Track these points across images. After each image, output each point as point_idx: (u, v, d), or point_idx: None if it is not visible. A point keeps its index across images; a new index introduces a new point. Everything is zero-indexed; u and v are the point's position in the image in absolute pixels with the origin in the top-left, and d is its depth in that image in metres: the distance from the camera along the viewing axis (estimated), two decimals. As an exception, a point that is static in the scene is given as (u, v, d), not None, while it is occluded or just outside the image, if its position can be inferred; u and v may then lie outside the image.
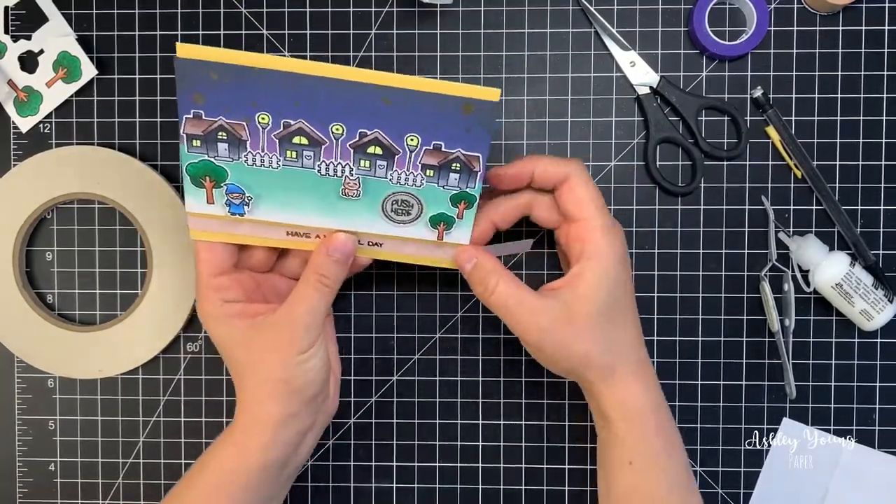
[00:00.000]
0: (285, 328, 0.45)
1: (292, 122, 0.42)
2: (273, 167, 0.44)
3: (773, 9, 0.54)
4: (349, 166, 0.44)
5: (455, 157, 0.44)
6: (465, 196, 0.46)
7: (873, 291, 0.52)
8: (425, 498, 0.56)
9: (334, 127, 0.42)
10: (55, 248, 0.56)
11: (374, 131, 0.42)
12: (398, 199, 0.45)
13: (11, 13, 0.55)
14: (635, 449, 0.46)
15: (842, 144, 0.54)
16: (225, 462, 0.46)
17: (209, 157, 0.43)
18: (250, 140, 0.43)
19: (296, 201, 0.45)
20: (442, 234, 0.47)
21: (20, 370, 0.56)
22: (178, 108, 0.41)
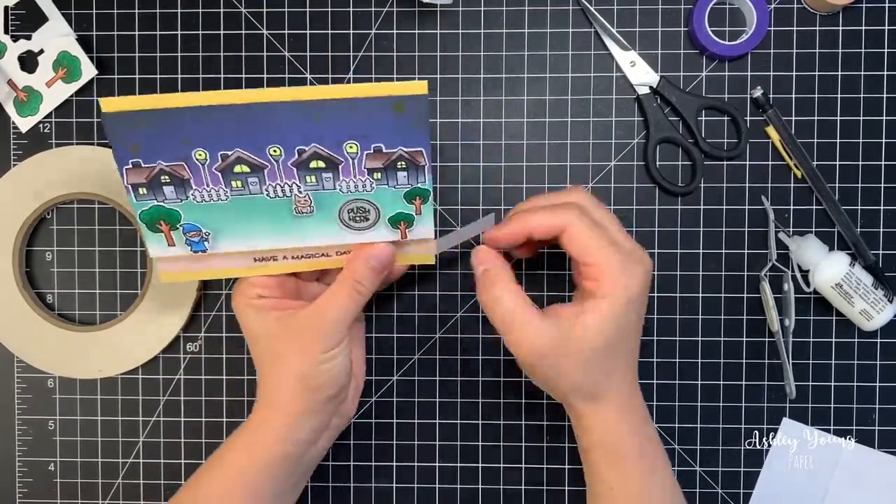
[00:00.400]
0: (313, 327, 0.45)
1: (229, 152, 0.42)
2: (222, 199, 0.44)
3: (773, 9, 0.54)
4: (296, 184, 0.44)
5: (398, 155, 0.43)
6: (418, 191, 0.45)
7: (873, 291, 0.52)
8: (425, 498, 0.56)
9: (271, 150, 0.42)
10: (55, 248, 0.56)
11: (311, 146, 0.42)
12: (353, 206, 0.45)
13: (11, 13, 0.55)
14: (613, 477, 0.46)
15: (842, 144, 0.54)
16: (241, 454, 0.47)
17: (158, 201, 0.44)
18: (193, 178, 0.43)
19: (253, 228, 0.45)
20: (405, 233, 0.47)
21: (20, 370, 0.56)
22: (115, 158, 0.42)
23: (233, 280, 0.55)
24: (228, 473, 0.47)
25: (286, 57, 0.55)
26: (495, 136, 0.55)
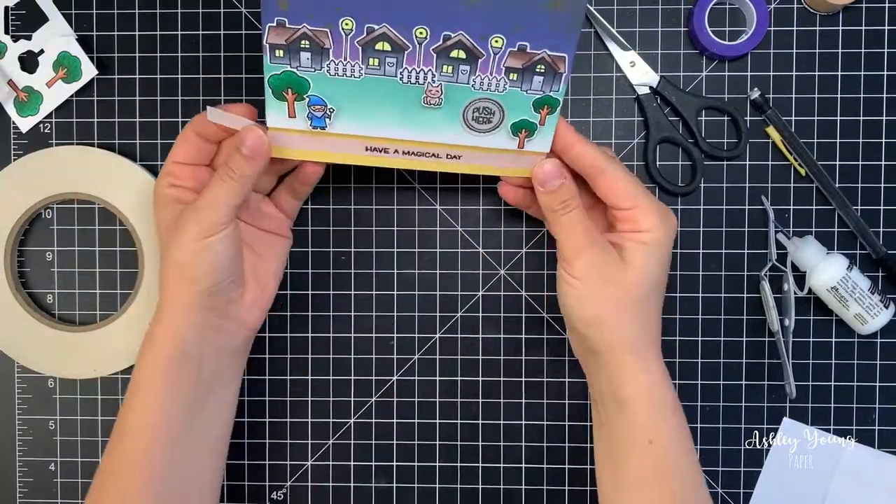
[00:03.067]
0: (188, 213, 0.45)
1: (376, 26, 0.41)
2: (355, 76, 0.43)
3: (773, 9, 0.54)
4: (431, 72, 0.43)
5: (540, 58, 0.43)
6: (549, 101, 0.45)
7: (869, 296, 0.52)
8: (425, 498, 0.56)
9: (418, 30, 0.42)
10: (55, 248, 0.56)
11: (457, 34, 0.42)
12: (480, 105, 0.45)
13: (11, 13, 0.55)
14: (657, 428, 0.46)
15: (842, 144, 0.54)
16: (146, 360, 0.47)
17: (292, 67, 0.43)
18: (333, 48, 0.42)
19: (377, 111, 0.45)
20: (523, 143, 0.47)
21: (20, 370, 0.56)
22: (262, 16, 0.41)
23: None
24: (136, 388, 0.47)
25: (286, 57, 0.55)
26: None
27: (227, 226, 0.45)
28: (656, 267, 0.46)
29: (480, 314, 0.55)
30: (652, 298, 0.47)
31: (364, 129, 0.46)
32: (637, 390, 0.46)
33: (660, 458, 0.46)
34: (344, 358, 0.56)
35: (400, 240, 0.55)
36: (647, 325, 0.47)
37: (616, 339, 0.46)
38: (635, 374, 0.46)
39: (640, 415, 0.46)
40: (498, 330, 0.56)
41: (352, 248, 0.56)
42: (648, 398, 0.46)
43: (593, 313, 0.46)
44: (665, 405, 0.46)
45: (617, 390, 0.46)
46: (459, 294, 0.56)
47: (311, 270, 0.56)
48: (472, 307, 0.56)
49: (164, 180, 0.48)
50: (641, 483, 0.46)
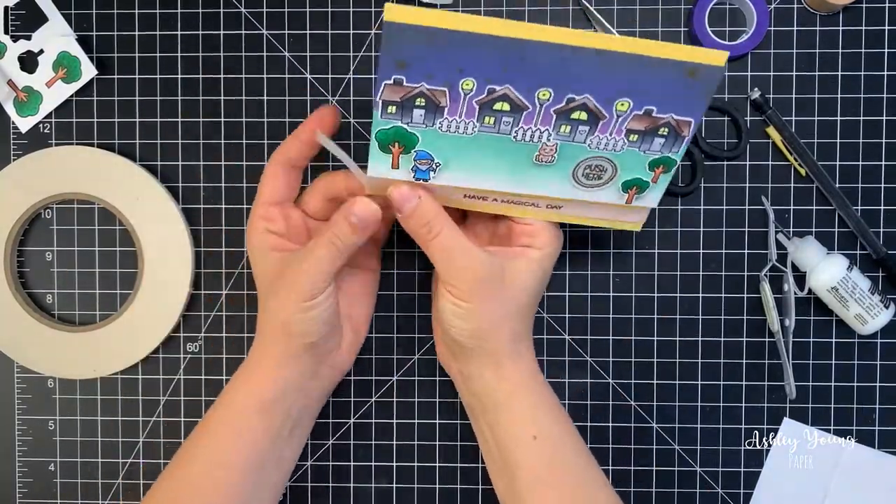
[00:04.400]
0: (291, 275, 0.46)
1: (498, 87, 0.40)
2: (468, 132, 0.42)
3: (773, 9, 0.54)
4: (548, 132, 0.42)
5: (665, 122, 0.42)
6: (666, 161, 0.44)
7: (869, 297, 0.52)
8: (425, 498, 0.56)
9: (541, 93, 0.40)
10: (55, 248, 0.56)
11: (583, 97, 0.40)
12: (592, 163, 0.44)
13: (11, 13, 0.55)
14: (539, 422, 0.47)
15: (842, 144, 0.54)
16: (231, 403, 0.48)
17: (402, 123, 0.42)
18: (449, 107, 0.41)
19: (485, 167, 0.44)
20: (632, 199, 0.46)
21: (20, 370, 0.56)
22: (377, 73, 0.39)
23: (232, 279, 0.56)
24: (221, 423, 0.47)
25: (286, 57, 0.55)
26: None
27: (327, 288, 0.46)
28: (542, 280, 0.48)
29: (480, 314, 0.55)
30: (532, 304, 0.48)
31: (468, 182, 0.44)
32: (515, 387, 0.47)
33: (548, 452, 0.46)
34: (344, 358, 0.56)
35: (400, 240, 0.55)
36: (525, 330, 0.48)
37: (497, 346, 0.47)
38: (513, 373, 0.47)
39: (521, 410, 0.47)
40: (498, 330, 0.55)
41: (352, 248, 0.55)
42: (526, 393, 0.47)
43: (478, 328, 0.46)
44: (543, 398, 0.48)
45: (496, 391, 0.47)
46: (459, 294, 0.55)
47: (311, 270, 0.56)
48: (472, 307, 0.55)
49: (258, 225, 0.48)
50: (537, 482, 0.46)
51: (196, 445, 0.48)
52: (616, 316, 0.55)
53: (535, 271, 0.47)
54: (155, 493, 0.47)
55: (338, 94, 0.55)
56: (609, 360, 0.55)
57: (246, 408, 0.47)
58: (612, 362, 0.55)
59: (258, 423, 0.47)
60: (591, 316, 0.55)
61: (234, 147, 0.55)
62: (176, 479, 0.47)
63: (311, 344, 0.47)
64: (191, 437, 0.48)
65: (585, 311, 0.55)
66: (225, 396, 0.48)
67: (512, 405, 0.47)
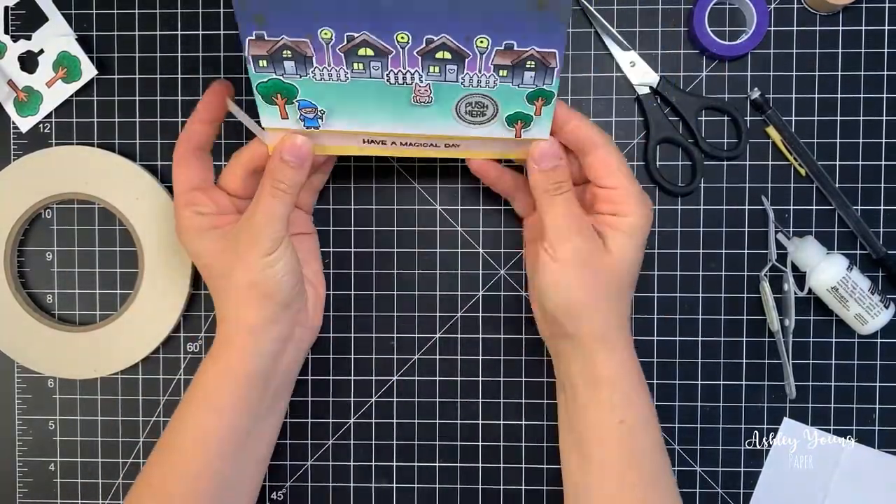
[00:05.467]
0: (247, 234, 0.45)
1: (356, 34, 0.41)
2: (342, 80, 0.43)
3: (773, 9, 0.54)
4: (418, 73, 0.43)
5: (529, 55, 0.42)
6: (542, 93, 0.44)
7: (869, 297, 0.52)
8: (425, 498, 0.56)
9: (399, 35, 0.41)
10: (55, 248, 0.56)
11: (440, 36, 0.41)
12: (472, 100, 0.44)
13: (11, 13, 0.55)
14: (628, 408, 0.46)
15: (842, 144, 0.54)
16: (210, 378, 0.47)
17: (277, 75, 0.43)
18: (315, 55, 0.42)
19: (367, 111, 0.45)
20: (520, 132, 0.46)
21: (20, 370, 0.56)
22: (239, 31, 0.41)
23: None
24: (203, 402, 0.47)
25: (286, 57, 0.55)
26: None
27: (284, 237, 0.46)
28: (635, 253, 0.47)
29: (480, 314, 0.55)
30: (629, 284, 0.48)
31: (356, 125, 0.46)
32: (610, 372, 0.46)
33: (629, 438, 0.46)
34: (344, 358, 0.56)
35: (400, 240, 0.55)
36: (622, 310, 0.47)
37: (593, 326, 0.46)
38: (610, 358, 0.46)
39: (613, 396, 0.46)
40: (498, 330, 0.56)
41: (352, 248, 0.56)
42: (621, 380, 0.46)
43: (572, 300, 0.46)
44: (635, 386, 0.47)
45: (591, 374, 0.47)
46: (459, 294, 0.56)
47: (311, 270, 0.56)
48: (472, 307, 0.55)
49: (186, 211, 0.47)
50: (611, 465, 0.46)
51: (179, 429, 0.47)
52: (616, 316, 0.55)
53: (627, 243, 0.46)
54: (144, 477, 0.48)
55: (338, 94, 0.55)
56: (609, 360, 0.55)
57: (226, 385, 0.47)
58: (612, 362, 0.55)
59: (239, 399, 0.47)
60: (591, 316, 0.55)
61: (234, 147, 0.55)
62: (162, 463, 0.47)
63: (282, 302, 0.47)
64: (172, 421, 0.48)
65: (585, 311, 0.55)
66: (202, 376, 0.48)
67: (604, 391, 0.46)
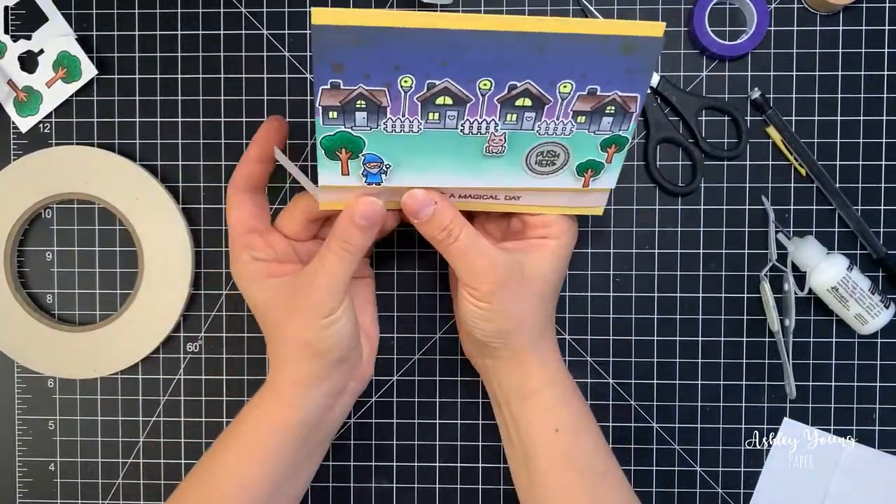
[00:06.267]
0: (306, 292, 0.45)
1: (437, 82, 0.39)
2: (413, 131, 0.41)
3: (773, 9, 0.54)
4: (495, 122, 0.41)
5: (611, 100, 0.41)
6: (617, 140, 0.43)
7: (869, 296, 0.52)
8: (425, 498, 0.56)
9: (482, 83, 0.39)
10: (55, 248, 0.56)
11: (524, 82, 0.39)
12: (544, 150, 0.43)
13: (11, 13, 0.55)
14: (560, 414, 0.47)
15: (842, 144, 0.54)
16: (255, 425, 0.47)
17: (346, 127, 0.41)
18: (391, 106, 0.40)
19: (436, 164, 0.43)
20: (588, 182, 0.45)
21: (20, 370, 0.56)
22: (314, 79, 0.39)
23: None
24: (244, 443, 0.46)
25: (286, 57, 0.55)
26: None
27: (345, 299, 0.45)
28: (561, 271, 0.48)
29: (480, 314, 0.55)
30: (555, 293, 0.49)
31: (422, 181, 0.44)
32: (540, 383, 0.47)
33: (566, 443, 0.47)
34: (344, 358, 0.56)
35: (400, 240, 0.55)
36: (548, 323, 0.49)
37: (521, 343, 0.47)
38: (537, 369, 0.47)
39: (544, 405, 0.47)
40: (498, 330, 0.55)
41: (352, 248, 0.55)
42: (550, 388, 0.47)
43: (501, 328, 0.46)
44: (566, 393, 0.48)
45: (521, 387, 0.47)
46: (459, 294, 0.55)
47: (311, 270, 0.56)
48: (472, 307, 0.55)
49: (243, 256, 0.46)
50: (552, 472, 0.46)
51: (215, 466, 0.47)
52: (616, 316, 0.55)
53: (554, 262, 0.47)
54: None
55: (338, 94, 0.55)
56: (609, 360, 0.55)
57: (270, 438, 0.46)
58: (612, 362, 0.55)
59: (281, 451, 0.46)
60: (591, 316, 0.55)
61: (234, 147, 0.55)
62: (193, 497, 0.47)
63: (338, 360, 0.46)
64: (208, 456, 0.48)
65: (585, 311, 0.55)
66: (248, 418, 0.47)
67: (535, 400, 0.47)
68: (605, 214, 0.54)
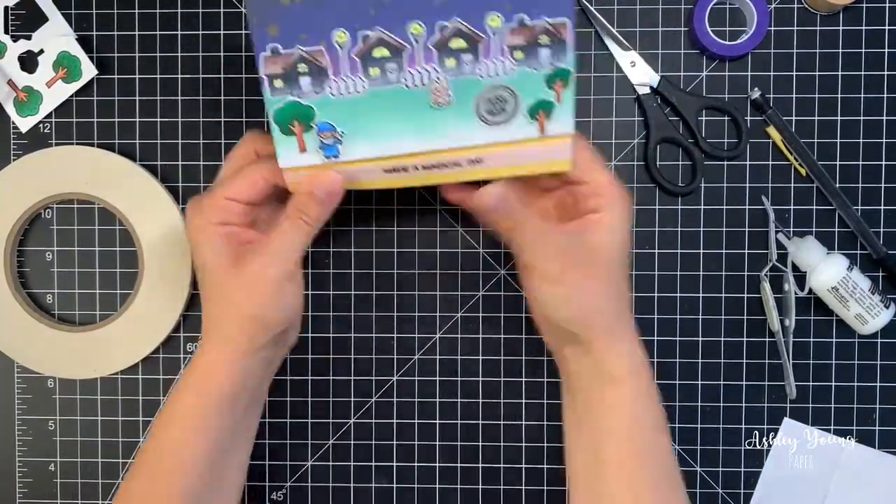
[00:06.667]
0: (263, 264, 0.44)
1: (370, 32, 0.40)
2: (359, 92, 0.42)
3: (773, 9, 0.54)
4: (434, 69, 0.42)
5: (542, 28, 0.41)
6: (560, 73, 0.42)
7: (869, 296, 0.52)
8: (425, 498, 0.56)
9: (412, 27, 0.40)
10: (55, 248, 0.56)
11: (453, 20, 0.40)
12: (491, 95, 0.43)
13: (11, 13, 0.55)
14: (642, 407, 0.46)
15: (842, 144, 0.54)
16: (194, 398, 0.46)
17: (293, 95, 0.42)
18: (331, 66, 0.41)
19: (387, 125, 0.43)
20: (543, 125, 0.44)
21: (20, 370, 0.56)
22: (254, 47, 0.40)
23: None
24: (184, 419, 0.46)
25: (286, 57, 0.55)
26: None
27: (299, 271, 0.45)
28: (621, 245, 0.45)
29: (480, 314, 0.55)
30: (622, 274, 0.46)
31: (377, 148, 0.44)
32: (623, 372, 0.45)
33: (640, 438, 0.46)
34: (344, 358, 0.56)
35: (400, 240, 0.55)
36: (624, 304, 0.47)
37: (601, 327, 0.45)
38: (622, 357, 0.45)
39: (627, 395, 0.46)
40: (498, 330, 0.56)
41: (352, 248, 0.56)
42: (635, 379, 0.46)
43: (577, 311, 0.45)
44: (648, 385, 0.46)
45: (605, 375, 0.46)
46: (459, 294, 0.55)
47: (311, 270, 0.56)
48: (472, 307, 0.56)
49: (212, 215, 0.45)
50: (623, 464, 0.45)
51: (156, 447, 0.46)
52: (616, 316, 0.55)
53: (612, 237, 0.45)
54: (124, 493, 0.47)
55: (338, 94, 0.55)
56: (609, 360, 0.55)
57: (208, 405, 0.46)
58: (612, 362, 0.55)
59: (220, 419, 0.46)
60: (592, 316, 0.55)
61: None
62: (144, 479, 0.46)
63: (279, 332, 0.46)
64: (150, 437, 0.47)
65: (585, 311, 0.55)
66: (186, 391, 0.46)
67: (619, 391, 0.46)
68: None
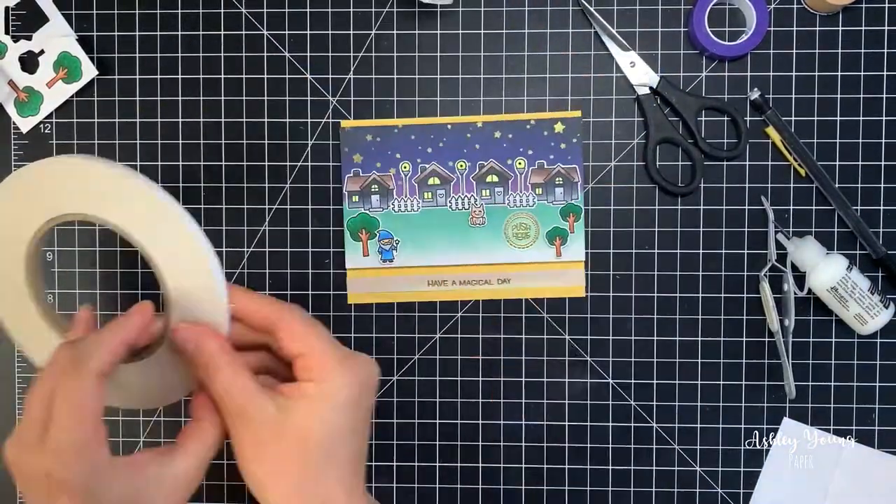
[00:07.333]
0: None
1: (427, 165, 0.54)
2: (415, 210, 0.54)
3: (773, 9, 0.54)
4: (473, 197, 0.54)
5: (556, 171, 0.54)
6: (572, 208, 0.54)
7: (868, 296, 0.52)
8: (425, 498, 0.56)
9: (459, 164, 0.54)
10: (55, 248, 0.56)
11: (489, 161, 0.54)
12: (517, 222, 0.54)
13: (12, 13, 0.55)
14: None
15: (842, 144, 0.54)
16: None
17: (364, 209, 0.54)
18: (396, 188, 0.54)
19: (433, 239, 0.54)
20: (559, 250, 0.54)
21: (20, 370, 0.56)
22: (341, 171, 0.54)
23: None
24: None
25: (286, 57, 0.55)
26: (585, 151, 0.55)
27: None
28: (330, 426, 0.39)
29: (480, 314, 0.56)
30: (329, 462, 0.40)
31: (424, 258, 0.54)
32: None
33: None
34: (344, 358, 0.56)
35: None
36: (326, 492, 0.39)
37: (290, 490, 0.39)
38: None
39: None
40: (498, 330, 0.56)
41: (352, 249, 0.56)
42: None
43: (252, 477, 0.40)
44: None
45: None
46: (459, 294, 0.56)
47: (311, 271, 0.56)
48: (472, 307, 0.56)
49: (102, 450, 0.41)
50: None
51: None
52: (616, 316, 0.55)
53: (325, 412, 0.39)
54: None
55: (338, 94, 0.55)
56: (609, 360, 0.55)
57: None
58: (612, 362, 0.55)
59: None
60: (591, 316, 0.55)
61: (234, 147, 0.55)
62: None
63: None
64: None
65: (586, 312, 0.55)
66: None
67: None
68: (605, 214, 0.54)
